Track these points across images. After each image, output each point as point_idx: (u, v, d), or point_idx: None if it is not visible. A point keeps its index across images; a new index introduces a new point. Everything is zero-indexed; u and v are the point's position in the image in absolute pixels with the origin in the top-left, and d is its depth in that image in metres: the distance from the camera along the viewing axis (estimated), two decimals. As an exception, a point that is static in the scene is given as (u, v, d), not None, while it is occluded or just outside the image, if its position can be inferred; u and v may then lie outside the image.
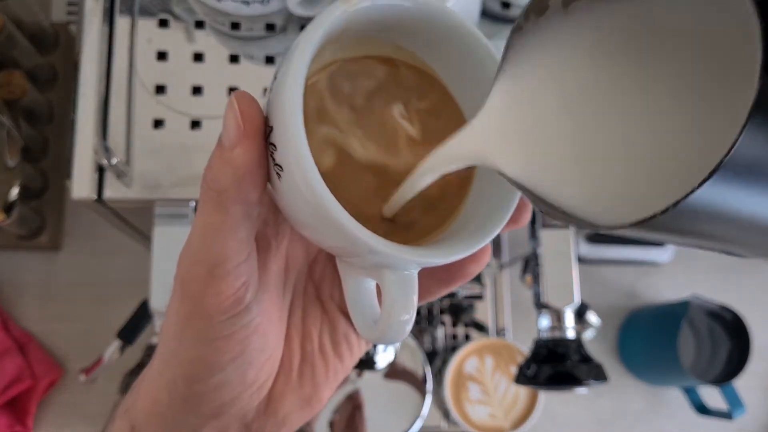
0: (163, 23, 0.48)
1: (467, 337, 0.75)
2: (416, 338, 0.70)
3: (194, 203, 0.47)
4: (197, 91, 0.47)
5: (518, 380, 0.52)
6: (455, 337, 0.75)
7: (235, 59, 0.48)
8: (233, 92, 0.21)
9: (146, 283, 0.46)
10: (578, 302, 0.51)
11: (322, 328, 0.28)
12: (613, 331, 0.82)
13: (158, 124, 0.46)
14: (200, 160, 0.46)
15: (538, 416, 0.69)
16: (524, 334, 0.74)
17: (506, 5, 0.50)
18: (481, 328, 0.75)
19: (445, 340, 0.74)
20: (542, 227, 0.52)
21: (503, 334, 0.76)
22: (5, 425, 0.65)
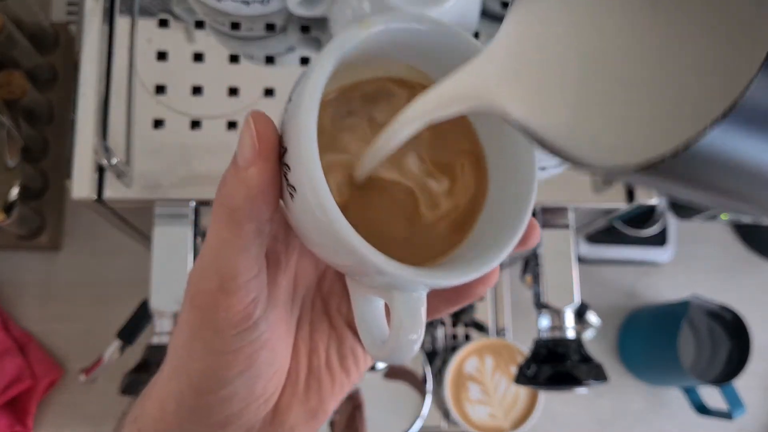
0: (163, 23, 0.48)
1: (467, 337, 0.75)
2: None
3: (194, 203, 0.47)
4: (197, 91, 0.47)
5: (518, 380, 0.52)
6: (455, 337, 0.75)
7: (235, 59, 0.48)
8: (250, 111, 0.21)
9: (146, 283, 0.46)
10: (578, 302, 0.51)
11: (329, 342, 0.28)
12: (613, 331, 0.82)
13: (158, 124, 0.46)
14: (200, 160, 0.46)
15: (538, 416, 0.69)
16: (524, 334, 0.74)
17: (506, 5, 0.50)
18: (481, 328, 0.75)
19: (445, 340, 0.74)
20: (542, 227, 0.52)
21: (503, 334, 0.76)
22: (5, 425, 0.65)
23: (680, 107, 0.15)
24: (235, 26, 0.48)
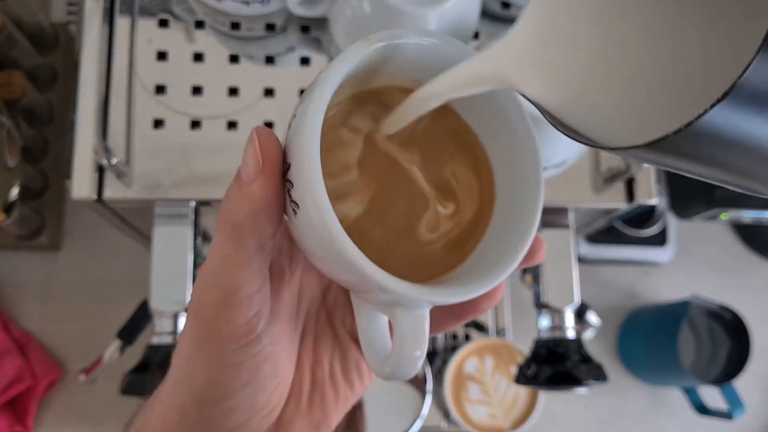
0: (163, 23, 0.48)
1: (467, 337, 0.75)
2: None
3: (194, 203, 0.47)
4: (197, 91, 0.47)
5: (518, 380, 0.52)
6: (455, 337, 0.75)
7: (235, 59, 0.48)
8: (254, 127, 0.21)
9: (146, 283, 0.46)
10: (578, 302, 0.51)
11: (333, 355, 0.28)
12: (613, 331, 0.82)
13: (158, 124, 0.46)
14: (200, 160, 0.46)
15: (538, 416, 0.69)
16: (524, 334, 0.74)
17: (506, 5, 0.50)
18: (481, 328, 0.75)
19: (445, 340, 0.74)
20: (542, 227, 0.52)
21: (503, 334, 0.76)
22: (5, 425, 0.65)
23: (688, 87, 0.16)
24: (235, 26, 0.48)
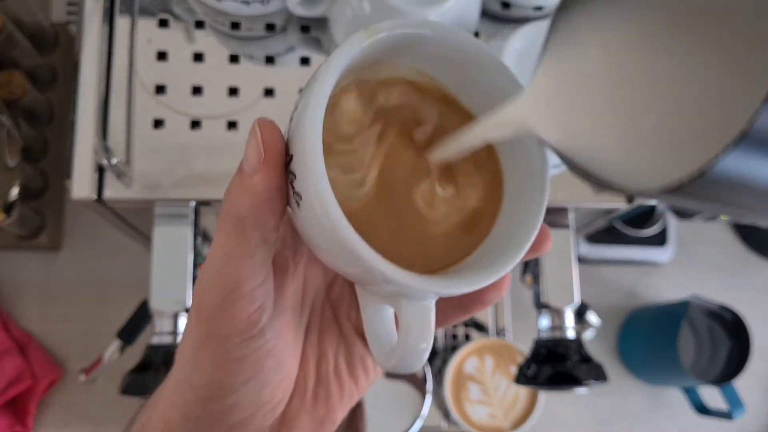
0: (163, 23, 0.48)
1: (467, 337, 0.75)
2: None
3: (194, 203, 0.47)
4: (197, 91, 0.47)
5: (518, 380, 0.52)
6: (455, 337, 0.75)
7: (235, 59, 0.48)
8: (256, 119, 0.21)
9: (146, 283, 0.46)
10: (578, 302, 0.51)
11: (338, 350, 0.28)
12: (613, 331, 0.82)
13: (158, 124, 0.46)
14: (200, 160, 0.46)
15: (538, 416, 0.69)
16: (524, 334, 0.74)
17: (506, 5, 0.50)
18: (481, 328, 0.75)
19: (445, 340, 0.74)
20: (542, 227, 0.52)
21: (503, 334, 0.76)
22: (5, 425, 0.65)
23: (699, 133, 0.17)
24: (235, 26, 0.48)
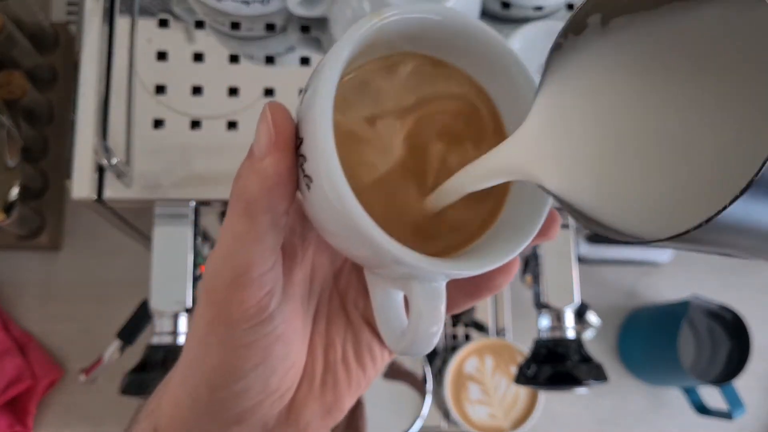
0: (163, 23, 0.48)
1: (467, 337, 0.75)
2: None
3: (194, 203, 0.47)
4: (197, 91, 0.47)
5: (518, 380, 0.52)
6: (455, 337, 0.75)
7: (235, 59, 0.48)
8: (267, 102, 0.21)
9: (146, 283, 0.46)
10: (578, 302, 0.51)
11: (345, 337, 0.28)
12: (613, 331, 0.82)
13: (158, 124, 0.46)
14: (200, 160, 0.46)
15: (538, 416, 0.69)
16: (524, 334, 0.74)
17: (506, 5, 0.50)
18: (481, 328, 0.75)
19: (445, 340, 0.74)
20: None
21: (503, 334, 0.76)
22: (5, 425, 0.65)
23: (702, 180, 0.17)
24: (235, 26, 0.48)
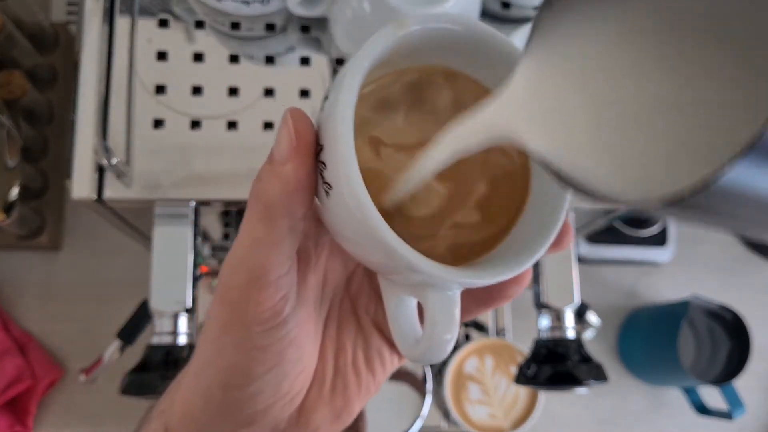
0: (163, 23, 0.48)
1: (467, 337, 0.75)
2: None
3: (194, 203, 0.47)
4: (197, 91, 0.47)
5: (518, 380, 0.52)
6: (455, 337, 0.75)
7: (235, 59, 0.48)
8: (288, 108, 0.21)
9: (146, 283, 0.46)
10: (578, 302, 0.51)
11: (356, 342, 0.28)
12: (613, 331, 0.82)
13: (158, 124, 0.46)
14: (200, 160, 0.46)
15: (538, 416, 0.69)
16: (524, 334, 0.74)
17: (506, 5, 0.50)
18: (481, 328, 0.75)
19: (445, 340, 0.74)
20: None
21: (503, 334, 0.76)
22: (5, 425, 0.65)
23: (697, 142, 0.16)
24: (235, 26, 0.48)
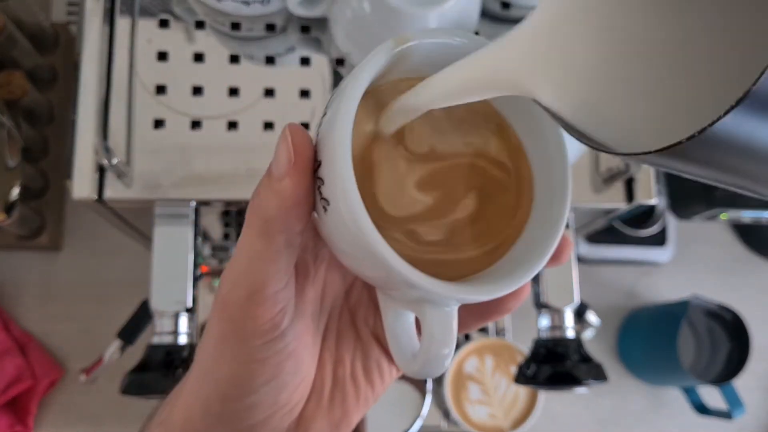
0: (163, 23, 0.48)
1: (467, 337, 0.75)
2: (416, 338, 0.70)
3: (194, 203, 0.47)
4: (197, 91, 0.47)
5: (518, 380, 0.52)
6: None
7: (235, 59, 0.48)
8: (287, 124, 0.22)
9: (146, 283, 0.46)
10: (578, 302, 0.51)
11: (354, 353, 0.28)
12: (613, 331, 0.82)
13: (158, 124, 0.46)
14: (200, 160, 0.46)
15: (538, 416, 0.69)
16: (524, 334, 0.74)
17: (506, 5, 0.50)
18: (481, 328, 0.75)
19: (445, 340, 0.74)
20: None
21: (503, 334, 0.76)
22: (6, 425, 0.65)
23: (701, 93, 0.16)
24: (235, 26, 0.48)
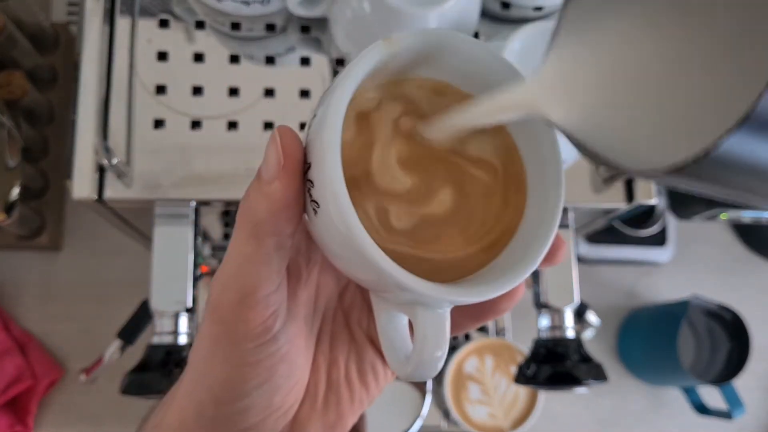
0: (163, 23, 0.48)
1: (467, 337, 0.75)
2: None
3: (194, 203, 0.47)
4: (197, 91, 0.47)
5: (518, 380, 0.52)
6: (455, 337, 0.75)
7: (235, 59, 0.48)
8: (277, 126, 0.21)
9: (146, 283, 0.46)
10: (578, 302, 0.51)
11: (349, 356, 0.28)
12: (613, 331, 0.82)
13: (158, 124, 0.46)
14: (200, 160, 0.46)
15: (538, 416, 0.69)
16: (524, 334, 0.74)
17: (506, 5, 0.50)
18: (480, 327, 0.75)
19: (445, 340, 0.74)
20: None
21: (503, 334, 0.76)
22: (6, 425, 0.65)
23: (706, 114, 0.17)
24: (235, 26, 0.48)
